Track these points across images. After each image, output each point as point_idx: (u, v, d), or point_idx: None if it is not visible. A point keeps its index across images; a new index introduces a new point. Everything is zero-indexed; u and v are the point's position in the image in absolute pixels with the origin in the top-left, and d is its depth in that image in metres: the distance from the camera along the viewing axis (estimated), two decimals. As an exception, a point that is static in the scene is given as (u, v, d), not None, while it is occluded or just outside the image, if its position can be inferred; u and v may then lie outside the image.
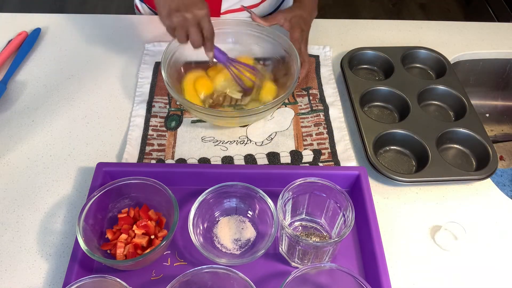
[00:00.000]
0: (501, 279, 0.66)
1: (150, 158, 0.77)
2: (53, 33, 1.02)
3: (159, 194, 0.65)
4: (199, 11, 0.69)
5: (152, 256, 0.61)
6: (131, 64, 0.95)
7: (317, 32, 0.96)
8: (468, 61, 1.04)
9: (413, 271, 0.66)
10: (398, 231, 0.70)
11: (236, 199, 0.69)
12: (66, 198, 0.72)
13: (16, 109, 0.86)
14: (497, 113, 1.15)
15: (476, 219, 0.72)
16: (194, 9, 0.69)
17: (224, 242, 0.66)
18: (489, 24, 1.10)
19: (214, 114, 0.76)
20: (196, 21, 0.70)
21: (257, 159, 0.78)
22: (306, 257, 0.63)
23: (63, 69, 0.94)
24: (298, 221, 0.69)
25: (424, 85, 0.89)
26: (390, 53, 0.95)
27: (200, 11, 0.69)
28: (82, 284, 0.55)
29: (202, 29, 0.72)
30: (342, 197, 0.63)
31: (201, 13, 0.69)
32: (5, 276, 0.64)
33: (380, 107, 0.90)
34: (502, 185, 1.00)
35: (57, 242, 0.67)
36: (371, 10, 2.70)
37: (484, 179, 0.75)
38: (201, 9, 0.69)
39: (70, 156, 0.78)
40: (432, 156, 0.76)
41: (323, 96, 0.89)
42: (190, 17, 0.69)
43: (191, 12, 0.69)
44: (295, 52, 0.82)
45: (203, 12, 0.69)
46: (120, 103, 0.87)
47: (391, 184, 0.76)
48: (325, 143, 0.81)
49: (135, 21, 1.05)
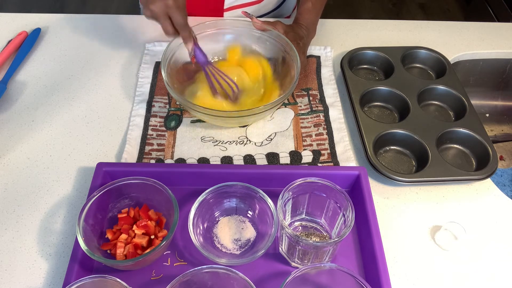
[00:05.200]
0: (501, 279, 0.66)
1: (150, 158, 0.77)
2: (53, 33, 1.02)
3: (159, 194, 0.65)
4: (164, 1, 0.72)
5: (152, 256, 0.61)
6: (131, 64, 0.95)
7: (317, 33, 0.96)
8: (468, 61, 1.04)
9: (413, 271, 0.66)
10: (398, 231, 0.70)
11: (236, 199, 0.69)
12: (66, 198, 0.72)
13: (16, 109, 0.86)
14: (497, 113, 1.15)
15: (476, 219, 0.72)
16: (159, 1, 0.72)
17: (224, 242, 0.66)
18: (489, 24, 1.10)
19: (213, 114, 0.76)
20: (165, 12, 0.73)
21: (257, 160, 0.78)
22: (306, 257, 0.63)
23: (63, 69, 0.94)
24: (298, 221, 0.69)
25: (424, 85, 0.89)
26: (390, 53, 0.95)
27: (166, 1, 0.72)
28: (82, 284, 0.55)
29: (171, 19, 0.75)
30: (342, 197, 0.63)
31: (168, 3, 0.72)
32: (5, 276, 0.64)
33: (380, 107, 0.90)
34: (502, 185, 1.00)
35: (57, 242, 0.67)
36: (371, 10, 2.70)
37: (484, 179, 0.75)
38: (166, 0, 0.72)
39: (70, 156, 0.78)
40: (432, 156, 0.76)
41: (323, 97, 0.89)
42: (155, 8, 0.73)
43: (157, 3, 0.72)
44: (295, 53, 0.82)
45: (169, 3, 0.72)
46: (120, 103, 0.87)
47: (391, 184, 0.76)
48: (325, 144, 0.81)
49: (135, 21, 1.05)
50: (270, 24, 0.85)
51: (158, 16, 0.74)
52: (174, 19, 0.74)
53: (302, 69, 0.90)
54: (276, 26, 0.85)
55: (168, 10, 0.73)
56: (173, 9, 0.73)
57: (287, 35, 0.85)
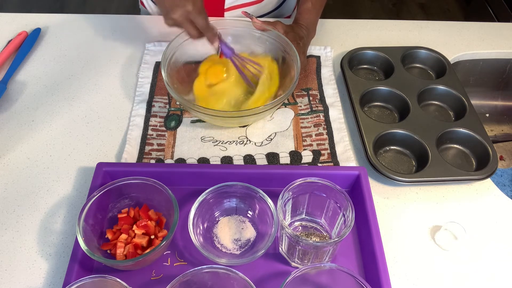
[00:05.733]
0: (501, 279, 0.66)
1: (150, 158, 0.77)
2: (53, 33, 1.02)
3: (159, 194, 0.65)
4: (184, 8, 0.73)
5: (152, 256, 0.61)
6: (131, 64, 0.95)
7: (317, 33, 0.96)
8: (468, 61, 1.04)
9: (413, 271, 0.66)
10: (398, 231, 0.70)
11: (236, 199, 0.69)
12: (66, 198, 0.72)
13: (16, 109, 0.86)
14: (497, 113, 1.15)
15: (476, 219, 0.72)
16: (179, 8, 0.73)
17: (224, 242, 0.66)
18: (489, 24, 1.10)
19: (213, 114, 0.76)
20: (187, 18, 0.75)
21: (257, 160, 0.78)
22: (306, 257, 0.63)
23: (63, 69, 0.94)
24: (298, 221, 0.69)
25: (424, 85, 0.89)
26: (390, 53, 0.95)
27: (185, 7, 0.73)
28: (82, 284, 0.55)
29: (195, 23, 0.76)
30: (342, 197, 0.63)
31: (188, 9, 0.73)
32: (5, 276, 0.64)
33: (380, 107, 0.90)
34: (502, 185, 1.00)
35: (57, 242, 0.67)
36: (371, 10, 2.70)
37: (484, 179, 0.75)
38: (185, 6, 0.73)
39: (70, 156, 0.78)
40: (432, 156, 0.76)
41: (323, 97, 0.89)
42: (177, 17, 0.74)
43: (177, 11, 0.74)
44: (295, 53, 0.82)
45: (189, 9, 0.73)
46: (120, 103, 0.87)
47: (391, 184, 0.76)
48: (325, 144, 0.81)
49: (135, 21, 1.05)
50: (270, 24, 0.85)
51: (181, 23, 0.75)
52: (197, 23, 0.76)
53: (302, 69, 0.90)
54: (276, 26, 0.85)
55: (189, 15, 0.74)
56: (194, 13, 0.74)
57: (287, 35, 0.85)
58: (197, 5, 0.74)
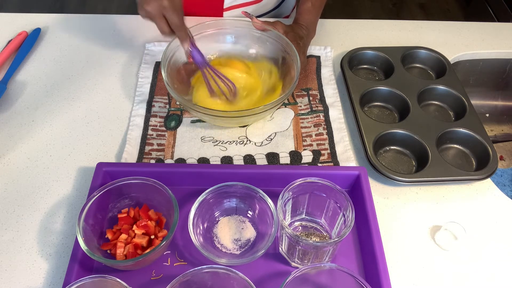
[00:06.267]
0: (501, 279, 0.66)
1: (150, 158, 0.77)
2: (53, 33, 1.02)
3: (159, 194, 0.65)
4: (160, 1, 0.72)
5: (152, 256, 0.61)
6: (131, 64, 0.95)
7: (317, 33, 0.96)
8: (468, 61, 1.04)
9: (413, 271, 0.66)
10: (398, 231, 0.70)
11: (236, 199, 0.69)
12: (66, 198, 0.72)
13: (16, 109, 0.86)
14: (497, 113, 1.15)
15: (476, 219, 0.72)
16: (154, 1, 0.72)
17: (224, 242, 0.66)
18: (489, 24, 1.10)
19: (213, 114, 0.76)
20: (160, 12, 0.73)
21: (256, 160, 0.78)
22: (306, 257, 0.63)
23: (63, 69, 0.94)
24: (298, 221, 0.69)
25: (424, 85, 0.89)
26: (390, 53, 0.95)
27: (161, 1, 0.72)
28: (82, 284, 0.55)
29: (167, 19, 0.74)
30: (342, 197, 0.63)
31: (163, 3, 0.72)
32: (5, 276, 0.64)
33: (380, 107, 0.90)
34: (502, 185, 1.00)
35: (57, 242, 0.67)
36: (371, 10, 2.70)
37: (484, 179, 0.75)
38: (161, 0, 0.72)
39: (70, 156, 0.78)
40: (432, 156, 0.76)
41: (323, 97, 0.89)
42: (150, 9, 0.72)
43: (152, 4, 0.72)
44: (295, 53, 0.82)
45: (164, 3, 0.72)
46: (120, 103, 0.87)
47: (391, 184, 0.76)
48: (325, 144, 0.81)
49: (135, 21, 1.05)
50: (270, 24, 0.85)
51: (153, 16, 0.73)
52: (170, 19, 0.74)
53: (302, 69, 0.90)
54: (276, 26, 0.85)
55: (163, 10, 0.72)
56: (168, 9, 0.72)
57: (287, 35, 0.85)
58: (174, 1, 0.72)
